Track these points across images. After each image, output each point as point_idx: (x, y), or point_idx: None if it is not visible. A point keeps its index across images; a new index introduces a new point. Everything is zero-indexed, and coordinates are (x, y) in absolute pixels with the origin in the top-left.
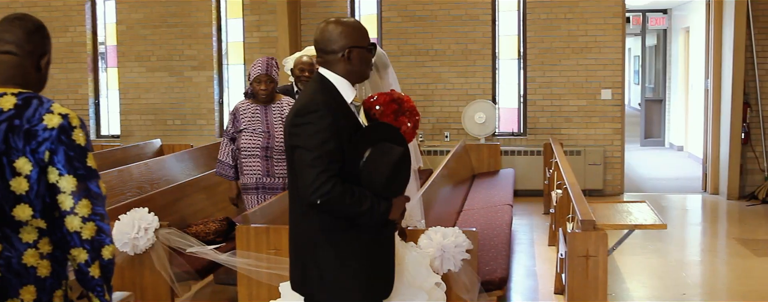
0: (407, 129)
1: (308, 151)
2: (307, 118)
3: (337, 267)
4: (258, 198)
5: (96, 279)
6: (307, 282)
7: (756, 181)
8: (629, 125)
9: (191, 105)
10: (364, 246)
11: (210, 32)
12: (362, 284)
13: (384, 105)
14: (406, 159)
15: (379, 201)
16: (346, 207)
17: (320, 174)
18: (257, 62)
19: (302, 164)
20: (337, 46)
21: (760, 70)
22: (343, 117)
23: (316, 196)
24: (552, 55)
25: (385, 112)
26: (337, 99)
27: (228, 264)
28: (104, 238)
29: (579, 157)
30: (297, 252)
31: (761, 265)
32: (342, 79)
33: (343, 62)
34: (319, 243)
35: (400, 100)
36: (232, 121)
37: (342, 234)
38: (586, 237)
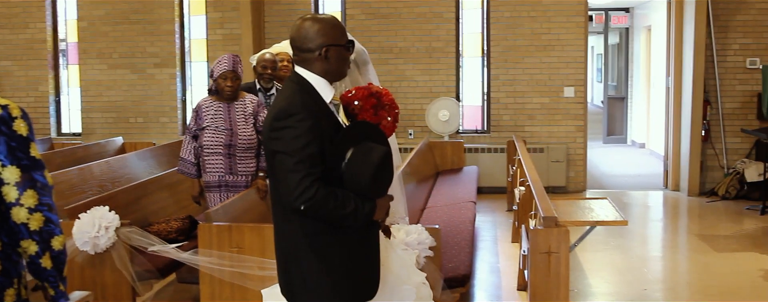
0: (387, 123)
1: (289, 155)
2: (287, 122)
3: (320, 270)
4: (221, 196)
5: (48, 270)
6: (291, 287)
7: (716, 178)
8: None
9: (154, 102)
10: (347, 248)
11: (173, 29)
12: (345, 287)
13: (363, 99)
14: (389, 159)
15: (362, 203)
16: (330, 211)
17: (303, 179)
18: (222, 59)
19: (284, 169)
20: (313, 44)
21: (719, 68)
22: (323, 118)
23: (300, 202)
24: (515, 53)
25: (364, 106)
26: (316, 99)
27: (190, 263)
28: (53, 229)
29: (542, 155)
30: (281, 257)
31: (720, 261)
32: (319, 78)
33: (320, 61)
34: (302, 247)
35: (378, 93)
36: (194, 118)
37: (325, 237)
38: (548, 234)
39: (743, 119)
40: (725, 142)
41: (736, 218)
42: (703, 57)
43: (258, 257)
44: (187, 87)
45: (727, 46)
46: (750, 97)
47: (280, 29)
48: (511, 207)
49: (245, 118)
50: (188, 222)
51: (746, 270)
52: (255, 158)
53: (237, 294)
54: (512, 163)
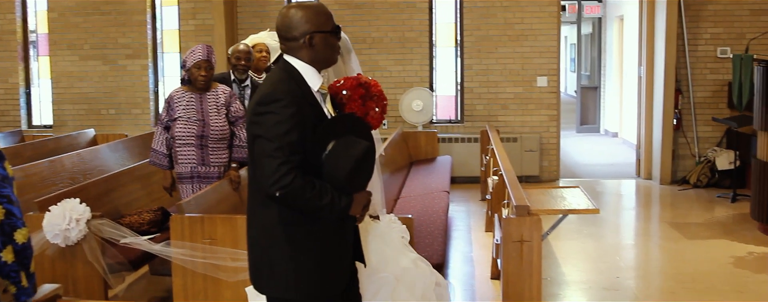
0: (375, 114)
1: (269, 140)
2: (270, 107)
3: (289, 260)
4: (193, 187)
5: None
6: (259, 277)
7: (687, 166)
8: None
9: (126, 94)
10: (320, 240)
11: (144, 20)
12: (311, 279)
13: (351, 89)
14: (371, 155)
15: (339, 196)
16: (305, 201)
17: (281, 165)
18: (197, 48)
19: (262, 154)
20: (297, 32)
21: (691, 57)
22: (307, 106)
23: (276, 188)
24: (489, 43)
25: (352, 96)
26: (303, 87)
27: (162, 255)
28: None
29: (515, 144)
30: (252, 246)
31: (692, 248)
32: (307, 66)
33: (305, 48)
34: (275, 236)
35: (367, 84)
36: (166, 109)
37: (299, 227)
38: (520, 223)
39: (714, 108)
40: (696, 131)
41: (708, 206)
42: (674, 46)
43: (230, 248)
44: (160, 78)
45: (698, 36)
46: (721, 86)
47: (253, 19)
48: (485, 197)
49: (217, 108)
50: (160, 213)
51: (717, 257)
52: (227, 149)
53: (210, 285)
54: (486, 153)
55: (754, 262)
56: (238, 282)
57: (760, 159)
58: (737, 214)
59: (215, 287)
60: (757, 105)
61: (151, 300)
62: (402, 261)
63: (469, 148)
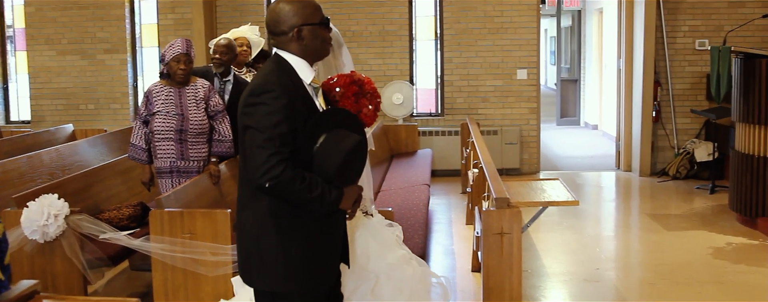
0: (368, 111)
1: (260, 131)
2: (262, 98)
3: (278, 252)
4: (172, 181)
5: None
6: (248, 269)
7: (667, 158)
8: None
9: (104, 89)
10: (310, 234)
11: (123, 14)
12: (300, 272)
13: (344, 87)
14: (362, 148)
15: (330, 189)
16: (295, 193)
17: (271, 156)
18: (176, 42)
19: (253, 145)
20: (285, 26)
21: (669, 49)
22: (299, 99)
23: (265, 179)
24: (468, 36)
25: (346, 94)
26: (295, 80)
27: (141, 250)
28: None
29: (496, 137)
30: (241, 238)
31: (671, 239)
32: (299, 59)
33: (294, 42)
34: (265, 228)
35: (360, 81)
36: (145, 103)
37: (289, 219)
38: (500, 215)
39: (693, 100)
40: (675, 123)
41: (687, 197)
42: (653, 39)
43: (210, 243)
44: (139, 73)
45: (676, 28)
46: (699, 78)
47: (232, 13)
48: (465, 190)
49: (197, 102)
50: (140, 208)
51: (696, 249)
52: (207, 143)
53: (190, 280)
54: (466, 146)
55: (733, 253)
56: (217, 276)
57: (738, 151)
58: (716, 205)
59: (195, 282)
60: (735, 97)
61: (131, 295)
62: (388, 257)
63: (449, 141)
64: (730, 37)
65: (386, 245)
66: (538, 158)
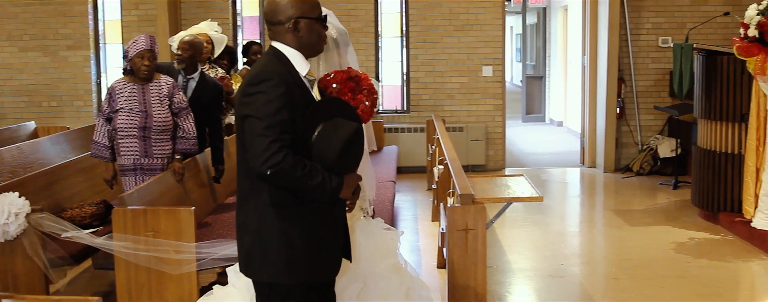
0: (365, 107)
1: (259, 119)
2: (260, 87)
3: (281, 244)
4: (136, 179)
5: None
6: (250, 262)
7: (630, 154)
8: (512, 102)
9: (67, 86)
10: (311, 224)
11: (85, 10)
12: (303, 263)
13: (341, 83)
14: (359, 135)
15: (330, 177)
16: (296, 180)
17: (271, 143)
18: (139, 38)
19: (253, 133)
20: (283, 16)
21: (633, 47)
22: (296, 88)
23: (267, 166)
24: (434, 33)
25: (343, 90)
26: (291, 71)
27: (104, 248)
28: None
29: (461, 134)
30: (242, 231)
31: (635, 235)
32: (294, 51)
33: (290, 33)
34: (267, 219)
35: (357, 78)
36: (107, 100)
37: (290, 210)
38: (465, 211)
39: (656, 96)
40: (639, 119)
41: (650, 193)
42: (617, 36)
43: (174, 240)
44: (102, 69)
45: (640, 25)
46: (662, 75)
47: (197, 10)
48: (431, 186)
49: (160, 99)
50: (103, 206)
51: (659, 244)
52: (171, 141)
53: (153, 278)
54: (431, 143)
55: (695, 247)
56: (182, 275)
57: (700, 147)
58: (679, 201)
59: (159, 280)
60: (698, 93)
61: (94, 294)
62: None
63: (415, 138)
64: (693, 35)
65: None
66: (503, 155)
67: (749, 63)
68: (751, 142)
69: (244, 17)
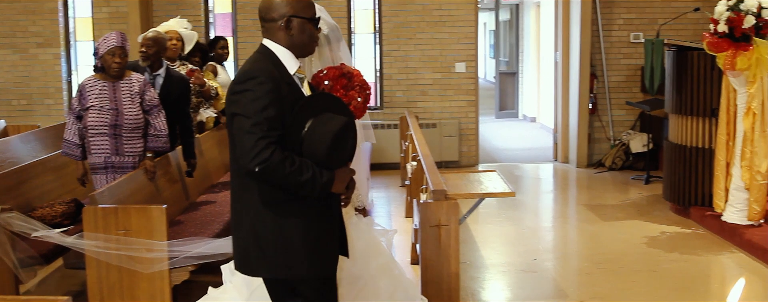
0: (357, 104)
1: (247, 117)
2: (247, 85)
3: (278, 240)
4: (107, 177)
5: None
6: (249, 260)
7: (603, 149)
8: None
9: (37, 84)
10: (306, 220)
11: (55, 7)
12: (303, 258)
13: (333, 80)
14: (350, 129)
15: (321, 172)
16: (285, 176)
17: (259, 140)
18: (110, 35)
19: (241, 131)
20: (276, 13)
21: (605, 42)
22: (285, 85)
23: (255, 163)
24: (407, 30)
25: (335, 86)
26: (280, 68)
27: (75, 247)
28: None
29: (435, 130)
30: (238, 229)
31: (607, 229)
32: (284, 49)
33: (282, 31)
34: (260, 217)
35: (350, 74)
36: (78, 97)
37: (283, 206)
38: (437, 207)
39: (628, 92)
40: (611, 115)
41: (622, 188)
42: (589, 32)
43: (146, 239)
44: (73, 67)
45: (612, 21)
46: (634, 71)
47: (168, 6)
48: (404, 183)
49: (131, 97)
50: (74, 205)
51: (631, 238)
52: (142, 138)
53: (125, 277)
54: (405, 139)
55: (667, 241)
56: (154, 273)
57: (671, 142)
58: (650, 195)
59: (131, 279)
60: (668, 89)
61: (65, 294)
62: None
63: (388, 135)
64: (663, 30)
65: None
66: (476, 151)
67: (719, 58)
68: (721, 137)
69: (216, 14)
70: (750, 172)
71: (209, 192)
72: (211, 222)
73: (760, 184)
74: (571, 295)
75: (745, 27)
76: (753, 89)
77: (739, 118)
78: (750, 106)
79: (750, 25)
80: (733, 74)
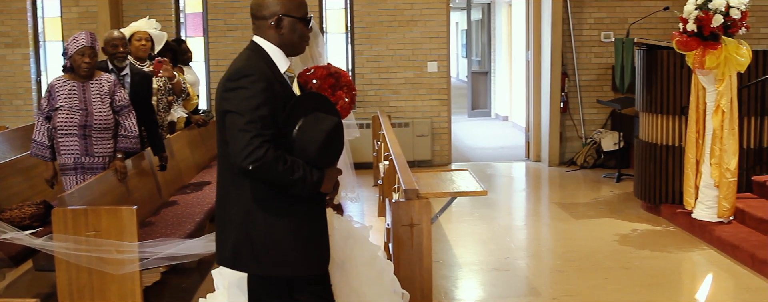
0: (344, 104)
1: (241, 115)
2: (241, 83)
3: (270, 238)
4: (77, 178)
5: None
6: (239, 257)
7: (575, 148)
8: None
9: (6, 84)
10: (296, 218)
11: (24, 7)
12: (296, 255)
13: (321, 79)
14: (339, 129)
15: (311, 171)
16: (278, 175)
17: (253, 138)
18: (79, 35)
19: (234, 129)
20: (267, 12)
21: (576, 42)
22: (277, 83)
23: (249, 162)
24: (379, 29)
25: (322, 86)
26: (271, 66)
27: (44, 249)
28: None
29: (407, 129)
30: (226, 226)
31: (579, 227)
32: (275, 47)
33: (272, 30)
34: (251, 214)
35: (337, 74)
36: (47, 98)
37: (274, 204)
38: (409, 206)
39: (599, 91)
40: (583, 113)
41: (594, 186)
42: (560, 31)
43: (116, 240)
44: (42, 68)
45: (582, 21)
46: (605, 70)
47: (138, 6)
48: (377, 182)
49: (101, 97)
50: (43, 207)
51: (603, 236)
52: (112, 139)
53: (95, 279)
54: (377, 138)
55: (638, 239)
56: (124, 275)
57: (642, 140)
58: (622, 193)
59: (101, 280)
60: (639, 87)
61: (35, 296)
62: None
63: (361, 134)
64: (633, 29)
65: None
66: (449, 150)
67: (688, 57)
68: (691, 135)
69: (187, 14)
70: (719, 170)
71: (181, 193)
72: (182, 222)
73: (730, 181)
74: (543, 293)
75: (713, 26)
76: (722, 87)
77: (709, 115)
78: (719, 104)
79: (718, 24)
80: (702, 72)
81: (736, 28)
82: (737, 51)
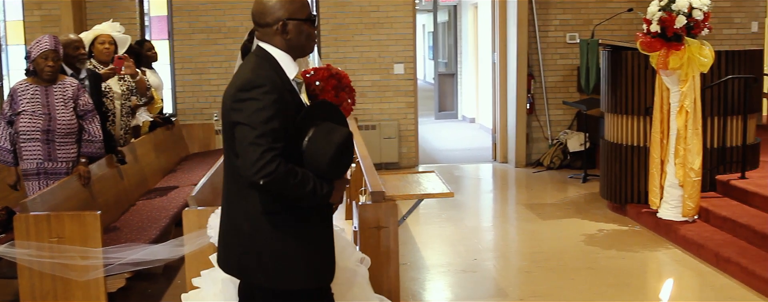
0: (347, 105)
1: (252, 128)
2: (252, 94)
3: (277, 249)
4: (40, 184)
5: None
6: (244, 266)
7: (541, 149)
8: (424, 99)
9: None
10: (304, 229)
11: None
12: (303, 267)
13: (324, 81)
14: (350, 141)
15: (321, 183)
16: (289, 188)
17: (264, 153)
18: (43, 38)
19: (244, 142)
20: (271, 18)
21: (542, 43)
22: (287, 93)
23: (260, 176)
24: (345, 31)
25: (325, 87)
26: (280, 74)
27: (6, 256)
28: None
29: (374, 131)
30: (231, 236)
31: (547, 228)
32: (283, 53)
33: (278, 35)
34: (258, 225)
35: (339, 75)
36: (9, 102)
37: (281, 216)
38: (376, 209)
39: (565, 92)
40: (549, 114)
41: (561, 187)
42: (526, 33)
43: (80, 246)
44: (4, 72)
45: (548, 22)
46: (570, 71)
47: (102, 9)
48: None
49: (65, 101)
50: (5, 213)
51: (570, 236)
52: (76, 144)
53: (59, 285)
54: None
55: (604, 239)
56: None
57: (607, 140)
58: (588, 194)
59: (65, 287)
60: (604, 88)
61: None
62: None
63: None
64: (598, 31)
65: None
66: (416, 152)
67: (652, 58)
68: (656, 135)
69: (152, 17)
70: (684, 169)
71: (146, 198)
72: (147, 227)
73: (694, 181)
74: (511, 294)
75: (676, 27)
76: (685, 88)
77: (673, 116)
78: (683, 104)
79: (681, 25)
80: (665, 73)
81: (698, 29)
82: (700, 52)
